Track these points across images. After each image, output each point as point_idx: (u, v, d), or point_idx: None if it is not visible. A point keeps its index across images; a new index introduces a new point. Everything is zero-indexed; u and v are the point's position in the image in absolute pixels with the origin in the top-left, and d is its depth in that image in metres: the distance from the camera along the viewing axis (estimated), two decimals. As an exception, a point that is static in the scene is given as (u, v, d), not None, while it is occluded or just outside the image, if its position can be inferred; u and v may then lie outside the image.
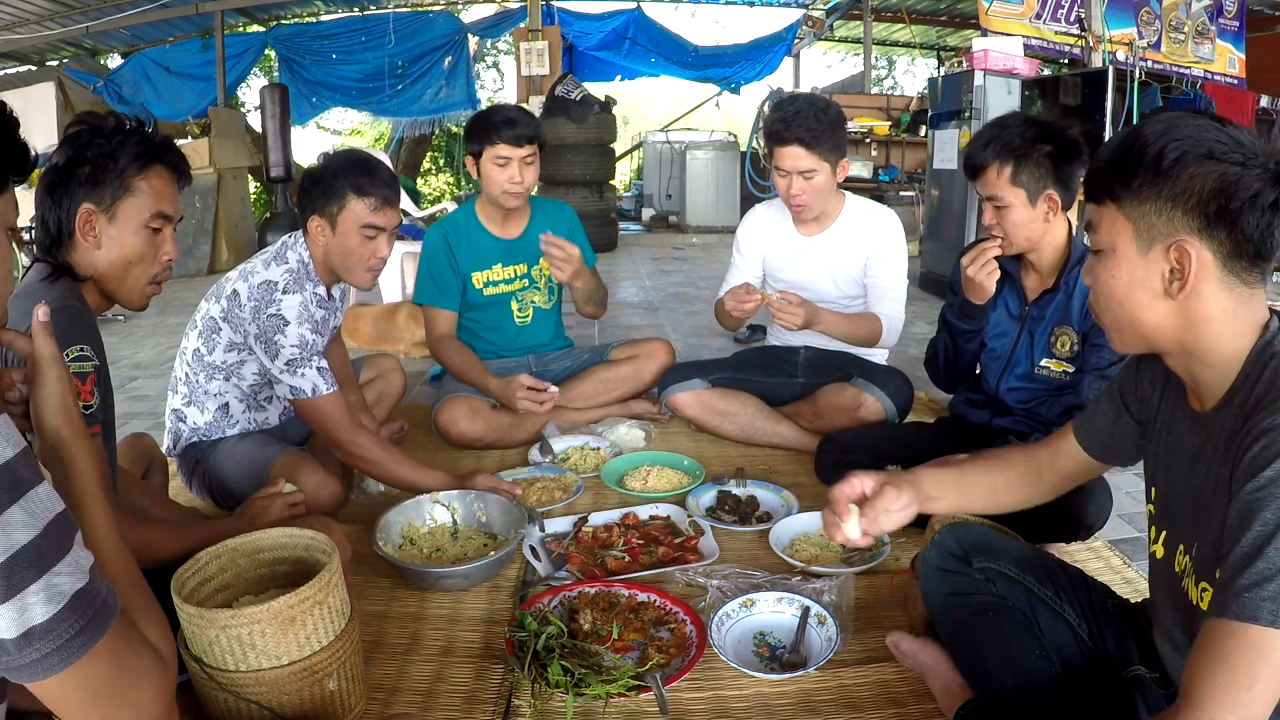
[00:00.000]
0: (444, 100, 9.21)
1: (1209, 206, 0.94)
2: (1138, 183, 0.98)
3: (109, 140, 1.48)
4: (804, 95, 2.50)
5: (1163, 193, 0.96)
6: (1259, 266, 0.97)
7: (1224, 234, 0.94)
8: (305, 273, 2.03)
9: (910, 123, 9.34)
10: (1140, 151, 0.97)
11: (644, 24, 9.87)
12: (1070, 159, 1.86)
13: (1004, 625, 1.27)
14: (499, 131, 2.45)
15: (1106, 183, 1.02)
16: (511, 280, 2.70)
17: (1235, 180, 0.93)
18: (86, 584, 0.74)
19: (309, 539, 1.39)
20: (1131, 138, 0.99)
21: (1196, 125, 0.96)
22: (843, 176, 2.47)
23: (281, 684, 1.20)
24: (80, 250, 1.49)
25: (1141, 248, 0.99)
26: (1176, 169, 0.95)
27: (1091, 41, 6.33)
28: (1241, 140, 0.94)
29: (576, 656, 1.44)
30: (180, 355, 2.10)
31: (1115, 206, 1.01)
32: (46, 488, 0.74)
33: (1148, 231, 0.98)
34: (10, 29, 8.62)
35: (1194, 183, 0.94)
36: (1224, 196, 0.93)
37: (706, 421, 2.63)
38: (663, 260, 7.41)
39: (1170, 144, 0.95)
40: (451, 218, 2.71)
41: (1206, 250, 0.96)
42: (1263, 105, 7.08)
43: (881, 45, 12.22)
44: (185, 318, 2.27)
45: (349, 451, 1.98)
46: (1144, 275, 1.00)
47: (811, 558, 1.84)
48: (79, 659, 0.73)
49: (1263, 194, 0.93)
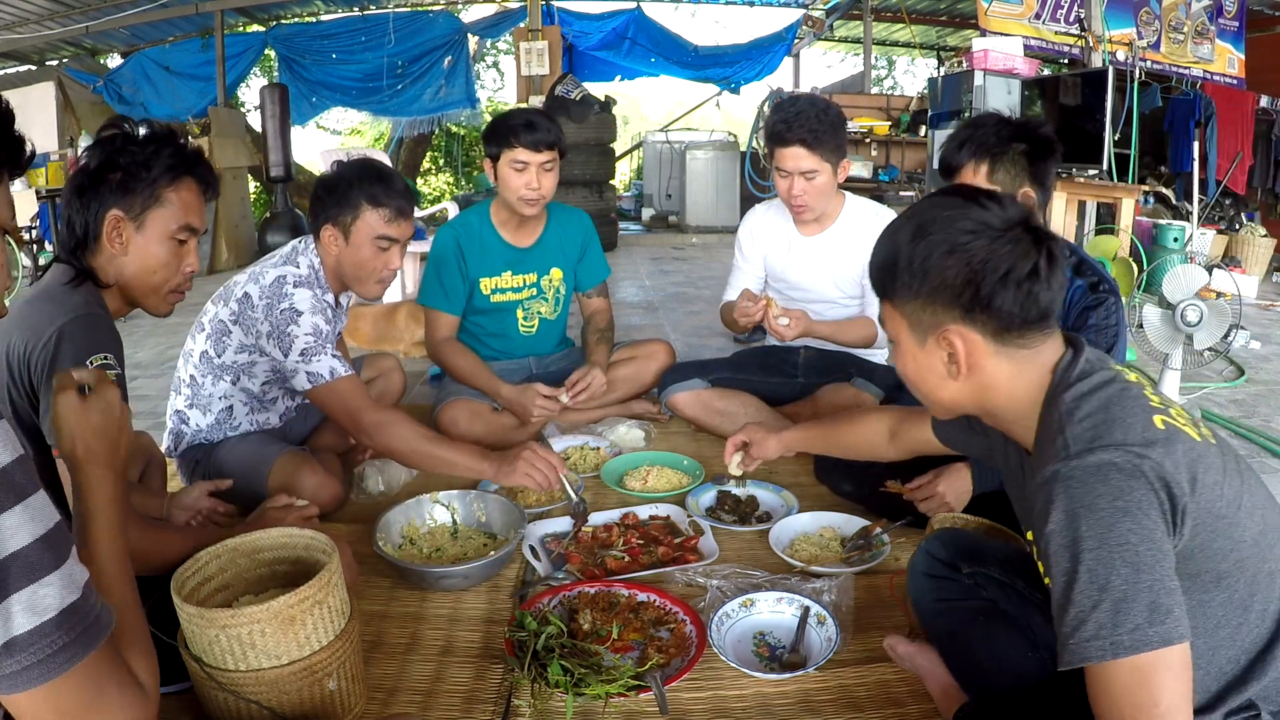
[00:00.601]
0: (444, 100, 9.20)
1: (963, 296, 1.00)
2: (899, 285, 1.06)
3: (143, 149, 1.49)
4: (805, 96, 2.49)
5: (921, 291, 1.03)
6: (1034, 328, 1.02)
7: (984, 316, 1.01)
8: (315, 279, 2.02)
9: (910, 123, 9.33)
10: (895, 256, 1.05)
11: (644, 24, 9.86)
12: (1045, 156, 1.85)
13: (995, 629, 1.28)
14: (517, 135, 2.41)
15: (880, 286, 1.10)
16: (520, 289, 2.68)
17: (982, 264, 0.99)
18: (78, 599, 0.72)
19: (309, 539, 1.39)
20: (889, 244, 1.07)
21: (945, 216, 1.02)
22: (843, 177, 2.47)
23: (281, 684, 1.20)
24: (104, 255, 1.50)
25: (918, 340, 1.07)
26: (926, 268, 1.02)
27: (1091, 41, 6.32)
28: (989, 221, 1.00)
29: (576, 656, 1.45)
30: (185, 357, 2.09)
31: (890, 305, 1.10)
32: (43, 498, 0.73)
33: (919, 326, 1.06)
34: (10, 29, 8.62)
35: (945, 276, 1.01)
36: (974, 285, 0.99)
37: (706, 421, 2.63)
38: (663, 260, 7.41)
39: (919, 246, 1.02)
40: (465, 219, 2.67)
41: (974, 333, 1.02)
42: (1263, 105, 7.08)
43: (881, 45, 12.20)
44: (185, 318, 2.26)
45: (378, 432, 1.87)
46: (928, 363, 1.08)
47: (811, 558, 1.84)
48: (59, 676, 0.71)
49: (1015, 268, 0.99)
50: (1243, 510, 0.96)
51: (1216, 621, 0.96)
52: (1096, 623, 0.87)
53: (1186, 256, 4.78)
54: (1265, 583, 0.97)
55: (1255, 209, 7.39)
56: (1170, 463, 0.91)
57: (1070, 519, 0.90)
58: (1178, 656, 0.86)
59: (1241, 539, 0.95)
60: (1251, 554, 0.96)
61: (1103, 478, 0.90)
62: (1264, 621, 0.97)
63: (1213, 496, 0.93)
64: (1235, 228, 6.71)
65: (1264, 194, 7.38)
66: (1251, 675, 0.97)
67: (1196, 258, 3.45)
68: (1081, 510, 0.90)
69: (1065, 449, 0.94)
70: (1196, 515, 0.92)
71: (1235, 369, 3.79)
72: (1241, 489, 0.97)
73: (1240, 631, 0.97)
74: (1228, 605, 0.96)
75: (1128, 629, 0.85)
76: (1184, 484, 0.91)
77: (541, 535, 1.94)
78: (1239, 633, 0.97)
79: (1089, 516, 0.89)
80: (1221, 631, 0.97)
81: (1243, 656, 0.98)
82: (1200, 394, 3.36)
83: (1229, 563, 0.95)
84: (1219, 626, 0.97)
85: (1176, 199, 6.75)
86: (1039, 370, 1.03)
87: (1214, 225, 6.53)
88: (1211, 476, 0.94)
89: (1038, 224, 1.02)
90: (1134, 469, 0.90)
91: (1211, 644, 0.97)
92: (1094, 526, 0.88)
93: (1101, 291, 1.88)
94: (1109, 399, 0.97)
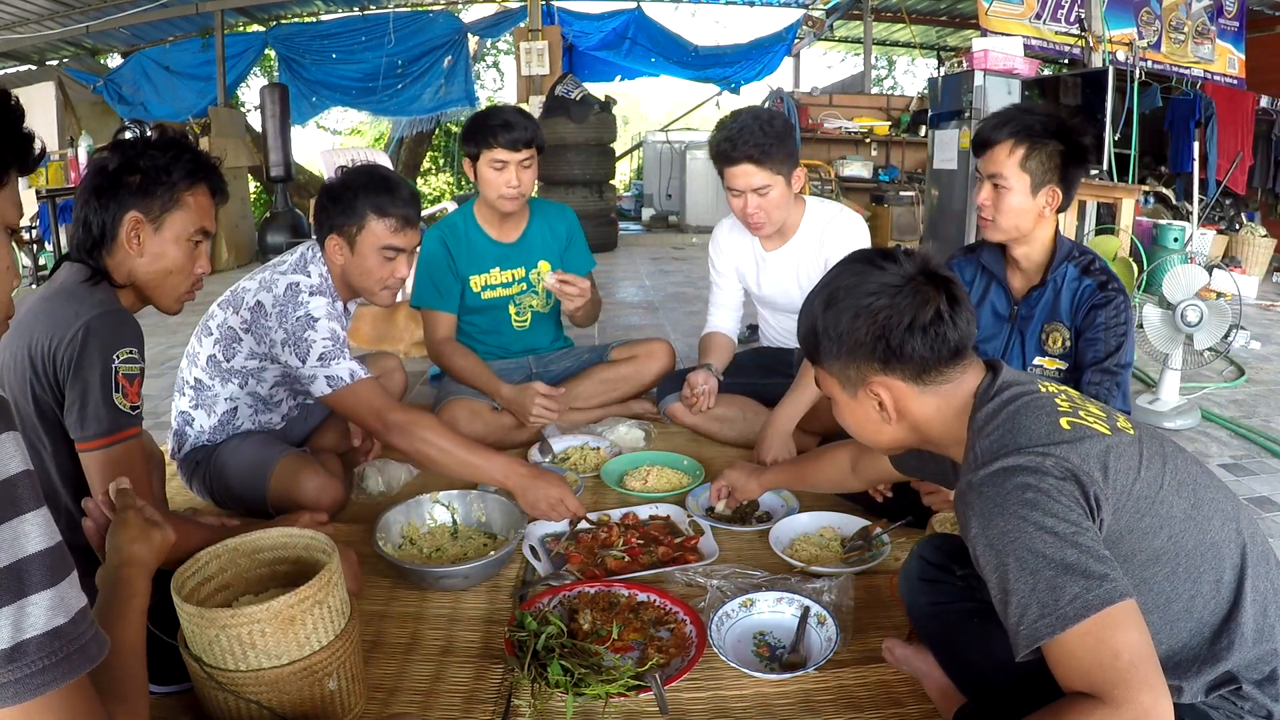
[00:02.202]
0: (444, 100, 9.21)
1: (875, 350, 1.10)
2: (822, 350, 1.17)
3: (163, 153, 1.52)
4: (747, 109, 2.38)
5: (840, 353, 1.14)
6: (949, 364, 1.11)
7: (899, 364, 1.10)
8: (327, 288, 2.01)
9: (910, 123, 9.34)
10: (814, 325, 1.17)
11: (644, 24, 9.86)
12: (1079, 162, 1.87)
13: (990, 629, 1.27)
14: (495, 135, 2.42)
15: (807, 352, 1.21)
16: (509, 284, 2.69)
17: (885, 321, 1.09)
18: (65, 624, 0.71)
19: (309, 539, 1.39)
20: (807, 314, 1.19)
21: (849, 284, 1.13)
22: (799, 187, 2.40)
23: (281, 683, 1.20)
24: (120, 255, 1.53)
25: (850, 394, 1.18)
26: (840, 331, 1.13)
27: (1091, 41, 6.33)
28: (887, 281, 1.10)
29: (576, 656, 1.45)
30: (190, 359, 2.08)
31: (821, 368, 1.20)
32: (44, 516, 0.72)
33: (848, 382, 1.17)
34: (10, 29, 8.62)
35: (857, 336, 1.11)
36: (884, 339, 1.09)
37: (705, 429, 2.62)
38: (663, 260, 7.41)
39: (830, 314, 1.14)
40: (449, 220, 2.68)
41: (895, 380, 1.12)
42: (1263, 105, 7.08)
43: (881, 45, 12.21)
44: (185, 317, 2.25)
45: (405, 432, 1.84)
46: (863, 413, 1.18)
47: (811, 558, 1.83)
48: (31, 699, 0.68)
49: (917, 317, 1.08)
50: (1165, 489, 1.01)
51: (1166, 597, 1.00)
52: (1039, 604, 0.91)
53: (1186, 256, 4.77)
54: (1211, 554, 1.01)
55: (1255, 209, 7.40)
56: (1077, 456, 0.97)
57: (986, 522, 0.96)
58: (1125, 612, 0.89)
59: (1170, 515, 1.01)
60: (1185, 528, 1.01)
61: (1009, 477, 0.97)
62: (1219, 591, 1.01)
63: (1128, 480, 0.99)
64: (1235, 228, 6.71)
65: (1264, 194, 7.39)
66: (1220, 645, 1.00)
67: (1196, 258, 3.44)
68: (995, 511, 0.96)
69: (975, 462, 1.02)
70: (1115, 500, 0.98)
71: (1235, 369, 3.79)
72: (1164, 470, 1.03)
73: (1195, 603, 1.01)
74: (1173, 579, 1.00)
75: (1068, 600, 0.90)
76: (1094, 474, 0.97)
77: (541, 535, 1.94)
78: (1194, 604, 1.01)
79: (1002, 515, 0.95)
80: (1174, 605, 1.00)
81: (1205, 629, 1.01)
82: (1200, 394, 3.36)
83: (1161, 539, 1.00)
84: (1170, 600, 1.00)
85: (1176, 199, 6.75)
86: (962, 398, 1.12)
87: (1214, 225, 6.53)
88: (1124, 463, 1.00)
89: (936, 269, 1.12)
90: (1037, 466, 0.96)
91: (1167, 618, 1.00)
92: (1009, 521, 0.94)
93: (1110, 290, 1.89)
94: (1015, 411, 1.04)
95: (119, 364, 1.42)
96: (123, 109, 8.91)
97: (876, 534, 1.89)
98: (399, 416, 1.87)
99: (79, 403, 1.41)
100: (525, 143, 2.44)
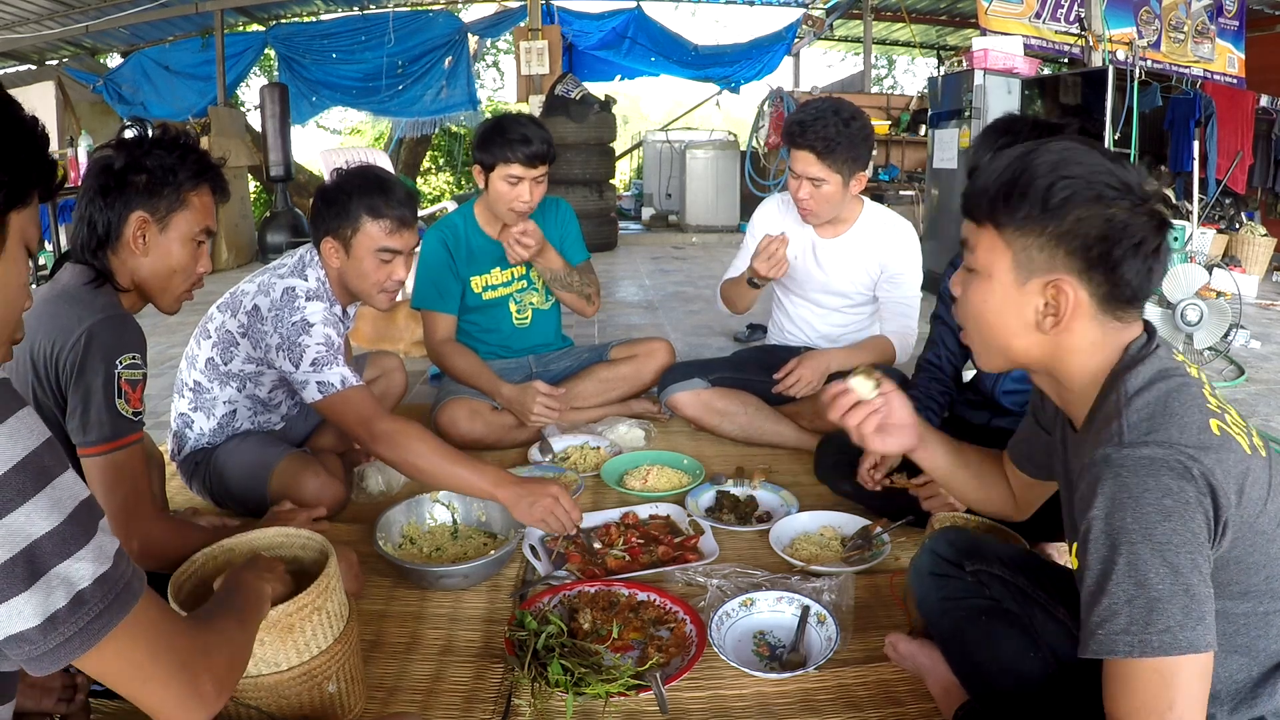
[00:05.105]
0: (444, 100, 9.19)
1: (1092, 251, 0.94)
2: (1023, 215, 0.97)
3: (169, 153, 1.53)
4: (831, 100, 2.38)
5: (1047, 229, 0.96)
6: (1135, 305, 0.98)
7: (1103, 277, 0.96)
8: (324, 292, 2.01)
9: (910, 122, 9.33)
10: (1029, 184, 0.96)
11: (644, 23, 9.86)
12: None
13: (998, 628, 1.28)
14: (514, 149, 2.39)
15: (990, 207, 1.01)
16: (510, 283, 2.69)
17: (1122, 226, 0.93)
18: (109, 569, 0.76)
19: (305, 538, 1.39)
20: (1021, 167, 0.98)
21: (1089, 164, 0.95)
22: (857, 189, 2.40)
23: (280, 689, 1.20)
24: (124, 255, 1.53)
25: (1019, 279, 0.99)
26: (1064, 208, 0.94)
27: (1091, 41, 6.33)
28: (1130, 183, 0.94)
29: (576, 656, 1.45)
30: (189, 361, 2.08)
31: (996, 232, 1.00)
32: (71, 475, 0.76)
33: (1027, 264, 0.98)
34: (10, 28, 8.62)
35: (1080, 225, 0.94)
36: (1108, 242, 0.94)
37: (706, 421, 2.62)
38: (663, 260, 7.41)
39: (1060, 181, 0.95)
40: (449, 221, 2.67)
41: (1084, 291, 0.97)
42: (1262, 105, 7.07)
43: (881, 45, 12.21)
44: (184, 317, 2.25)
45: (392, 442, 1.77)
46: (1018, 306, 1.00)
47: (811, 557, 1.83)
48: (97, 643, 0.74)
49: (1146, 241, 0.94)
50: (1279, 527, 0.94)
51: (1237, 629, 0.96)
52: (1128, 617, 0.85)
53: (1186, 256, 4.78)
54: None
55: (1255, 208, 7.39)
56: (1221, 471, 0.89)
57: (1115, 507, 0.88)
58: (1201, 665, 0.85)
59: (1276, 557, 0.94)
60: None
61: (1153, 473, 0.88)
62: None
63: (1255, 511, 0.92)
64: (1235, 227, 6.71)
65: (1264, 193, 7.38)
66: (1264, 688, 0.97)
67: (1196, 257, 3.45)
68: (1128, 501, 0.87)
69: (1119, 435, 0.91)
70: (1238, 528, 0.90)
71: (1235, 368, 3.78)
72: None
73: (1259, 643, 0.97)
74: (1251, 616, 0.96)
75: (1158, 629, 0.84)
76: (1230, 494, 0.89)
77: (541, 535, 1.94)
78: (1258, 643, 0.97)
79: (1134, 509, 0.87)
80: (1239, 639, 0.96)
81: (1256, 667, 0.97)
82: (1200, 393, 3.36)
83: (1259, 578, 0.94)
84: (1237, 634, 0.96)
85: (1177, 198, 6.74)
86: (1115, 347, 0.99)
87: (1214, 224, 6.53)
88: (1257, 491, 0.92)
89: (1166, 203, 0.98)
90: (1185, 470, 0.88)
91: (1228, 648, 0.96)
92: (1138, 520, 0.87)
93: None
94: (1169, 392, 0.94)
95: (121, 369, 1.42)
96: (122, 109, 8.90)
97: (877, 533, 1.89)
98: (386, 426, 1.80)
99: (81, 408, 1.41)
100: (543, 158, 2.43)
